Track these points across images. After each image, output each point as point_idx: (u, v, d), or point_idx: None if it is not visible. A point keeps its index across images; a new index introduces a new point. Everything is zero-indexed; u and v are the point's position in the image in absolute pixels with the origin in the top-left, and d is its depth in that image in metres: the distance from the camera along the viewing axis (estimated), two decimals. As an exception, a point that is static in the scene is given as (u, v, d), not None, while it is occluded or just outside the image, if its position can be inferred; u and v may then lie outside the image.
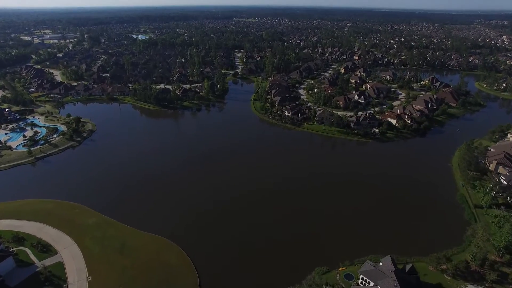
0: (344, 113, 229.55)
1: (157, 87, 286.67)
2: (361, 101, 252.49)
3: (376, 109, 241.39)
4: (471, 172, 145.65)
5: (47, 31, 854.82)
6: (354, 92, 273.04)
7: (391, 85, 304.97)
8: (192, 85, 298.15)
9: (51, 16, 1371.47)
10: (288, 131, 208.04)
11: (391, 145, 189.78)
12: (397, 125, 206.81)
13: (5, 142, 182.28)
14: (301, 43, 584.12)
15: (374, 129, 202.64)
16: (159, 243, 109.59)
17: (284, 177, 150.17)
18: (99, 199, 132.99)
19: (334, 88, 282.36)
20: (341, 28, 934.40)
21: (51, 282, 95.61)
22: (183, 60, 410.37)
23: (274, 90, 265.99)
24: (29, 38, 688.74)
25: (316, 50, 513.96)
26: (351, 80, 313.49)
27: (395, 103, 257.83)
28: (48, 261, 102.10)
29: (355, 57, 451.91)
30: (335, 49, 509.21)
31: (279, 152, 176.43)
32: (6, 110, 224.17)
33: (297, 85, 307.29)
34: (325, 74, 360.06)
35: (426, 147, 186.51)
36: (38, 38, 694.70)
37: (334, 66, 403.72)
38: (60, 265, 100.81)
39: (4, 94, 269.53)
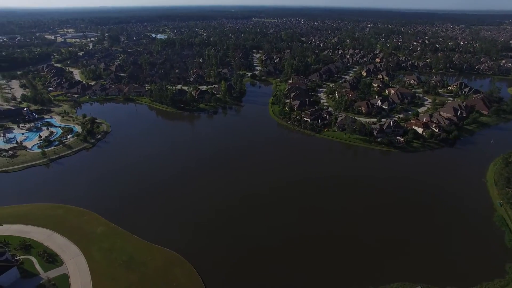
0: (367, 119, 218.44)
1: (174, 88, 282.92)
2: (384, 107, 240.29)
3: (401, 115, 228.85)
4: (511, 190, 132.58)
5: (70, 30, 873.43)
6: (376, 97, 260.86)
7: (416, 90, 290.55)
8: (209, 87, 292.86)
9: (75, 16, 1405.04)
10: (307, 137, 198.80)
11: (417, 155, 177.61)
12: (424, 134, 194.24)
13: (21, 142, 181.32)
14: (321, 44, 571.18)
15: (398, 137, 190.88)
16: (168, 257, 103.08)
17: (300, 189, 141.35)
18: (108, 205, 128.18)
19: (356, 92, 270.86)
20: (361, 29, 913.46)
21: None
22: (200, 61, 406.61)
23: (293, 93, 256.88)
24: (52, 37, 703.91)
25: (336, 51, 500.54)
26: (374, 84, 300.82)
27: (421, 109, 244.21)
28: (53, 273, 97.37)
29: (377, 60, 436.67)
30: (356, 51, 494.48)
31: (298, 161, 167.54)
32: (25, 109, 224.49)
33: (316, 89, 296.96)
34: (346, 77, 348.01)
35: (456, 159, 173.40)
36: (61, 37, 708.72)
37: (355, 69, 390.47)
38: (65, 278, 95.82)
39: (24, 92, 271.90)
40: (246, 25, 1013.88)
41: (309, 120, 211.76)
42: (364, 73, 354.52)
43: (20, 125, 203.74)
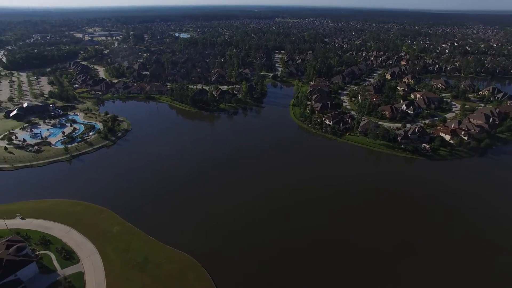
0: (391, 124, 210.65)
1: (195, 87, 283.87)
2: (409, 111, 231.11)
3: (427, 121, 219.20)
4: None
5: (97, 29, 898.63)
6: (401, 101, 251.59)
7: (444, 95, 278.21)
8: (229, 87, 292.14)
9: (103, 15, 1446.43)
10: (328, 141, 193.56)
11: (444, 164, 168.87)
12: (452, 141, 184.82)
13: (46, 137, 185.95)
14: (344, 46, 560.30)
15: (424, 144, 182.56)
16: (183, 260, 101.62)
17: (319, 194, 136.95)
18: (125, 204, 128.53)
19: (380, 96, 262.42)
20: (386, 30, 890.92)
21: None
22: (222, 60, 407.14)
23: (315, 95, 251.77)
24: (80, 36, 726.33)
25: (360, 53, 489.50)
26: (398, 88, 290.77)
27: (449, 115, 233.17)
28: (69, 270, 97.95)
29: (403, 62, 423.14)
30: (381, 53, 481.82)
31: (318, 164, 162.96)
32: (51, 105, 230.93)
33: (339, 91, 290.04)
34: (369, 80, 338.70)
35: (488, 170, 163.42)
36: (88, 36, 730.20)
37: (379, 72, 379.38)
38: (80, 276, 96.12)
39: (52, 89, 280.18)
40: (269, 25, 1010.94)
41: (330, 123, 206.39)
42: (388, 76, 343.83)
43: (46, 121, 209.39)
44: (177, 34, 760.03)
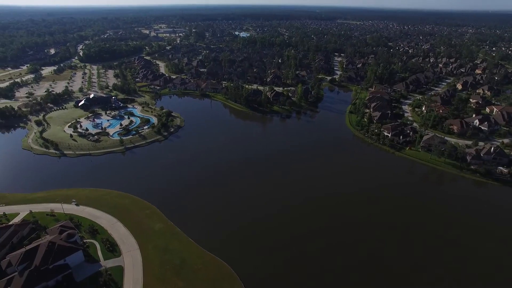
0: (459, 141, 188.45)
1: (250, 87, 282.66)
2: (483, 128, 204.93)
3: (505, 140, 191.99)
4: None
5: (162, 26, 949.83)
6: (474, 115, 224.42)
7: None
8: (285, 89, 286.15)
9: (168, 12, 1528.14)
10: (385, 154, 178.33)
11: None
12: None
13: (105, 128, 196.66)
14: (410, 51, 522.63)
15: (501, 167, 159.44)
16: (219, 268, 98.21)
17: (367, 215, 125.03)
18: (170, 201, 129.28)
19: (448, 107, 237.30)
20: (460, 35, 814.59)
21: (108, 287, 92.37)
22: (279, 61, 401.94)
23: (374, 103, 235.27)
24: (147, 32, 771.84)
25: (427, 59, 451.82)
26: (471, 100, 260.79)
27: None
28: (111, 263, 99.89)
29: (478, 71, 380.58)
30: (451, 60, 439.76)
31: (371, 179, 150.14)
32: (113, 98, 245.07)
33: (401, 100, 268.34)
34: (436, 89, 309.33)
35: None
36: (154, 32, 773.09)
37: (449, 81, 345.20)
38: (120, 270, 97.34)
39: (116, 82, 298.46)
40: (330, 26, 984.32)
41: (389, 135, 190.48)
42: (459, 86, 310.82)
43: (107, 112, 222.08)
44: (237, 33, 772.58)
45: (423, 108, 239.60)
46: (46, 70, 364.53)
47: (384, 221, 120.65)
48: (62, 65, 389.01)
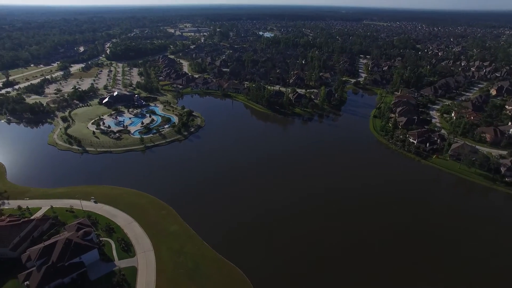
0: (492, 150, 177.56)
1: (272, 88, 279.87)
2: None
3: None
4: None
5: (187, 25, 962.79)
6: (510, 123, 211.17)
7: None
8: (307, 90, 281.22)
9: (194, 12, 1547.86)
10: (410, 161, 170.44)
11: None
12: None
13: (127, 126, 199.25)
14: (439, 54, 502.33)
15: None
16: (233, 275, 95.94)
17: (385, 226, 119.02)
18: (186, 203, 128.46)
19: (480, 114, 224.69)
20: (496, 36, 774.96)
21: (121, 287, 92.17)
22: (303, 62, 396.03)
23: (400, 108, 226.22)
24: (172, 31, 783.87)
25: (458, 63, 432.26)
26: (507, 107, 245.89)
27: None
28: (125, 263, 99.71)
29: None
30: (485, 64, 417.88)
31: (396, 191, 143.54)
32: (136, 96, 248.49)
33: (428, 105, 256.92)
34: (467, 94, 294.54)
35: None
36: (179, 31, 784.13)
37: (482, 86, 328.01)
38: (133, 271, 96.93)
39: (139, 80, 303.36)
40: (355, 27, 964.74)
41: (415, 141, 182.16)
42: (494, 91, 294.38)
43: (130, 110, 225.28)
44: (261, 33, 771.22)
45: (453, 114, 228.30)
46: (75, 68, 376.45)
47: (405, 231, 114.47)
48: (89, 62, 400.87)
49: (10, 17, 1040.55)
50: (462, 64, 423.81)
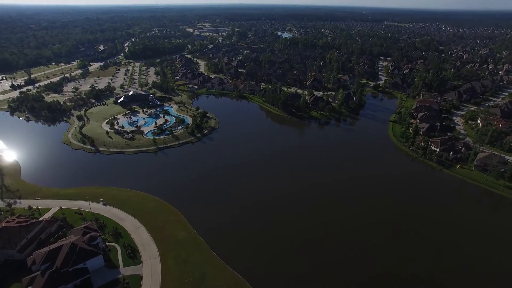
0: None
1: (289, 90, 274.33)
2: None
3: None
4: None
5: (206, 24, 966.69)
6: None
7: None
8: (325, 93, 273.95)
9: (213, 12, 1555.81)
10: (432, 171, 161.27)
11: None
12: None
13: (140, 126, 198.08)
14: (464, 56, 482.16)
15: None
16: (240, 287, 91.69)
17: (406, 237, 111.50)
18: (196, 208, 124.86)
19: (509, 121, 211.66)
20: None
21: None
22: (321, 64, 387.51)
23: (421, 114, 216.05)
24: (191, 30, 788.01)
25: (485, 66, 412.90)
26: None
27: None
28: (130, 270, 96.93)
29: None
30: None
31: (410, 196, 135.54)
32: (151, 95, 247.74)
33: (452, 110, 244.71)
34: (495, 100, 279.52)
35: None
36: (198, 30, 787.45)
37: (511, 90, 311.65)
38: (138, 280, 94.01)
39: (156, 80, 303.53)
40: (376, 28, 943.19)
41: (437, 149, 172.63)
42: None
43: (144, 109, 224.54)
44: (279, 33, 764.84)
45: (479, 121, 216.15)
46: (94, 66, 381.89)
47: (426, 245, 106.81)
48: (108, 61, 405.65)
49: (37, 17, 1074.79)
50: (489, 67, 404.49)
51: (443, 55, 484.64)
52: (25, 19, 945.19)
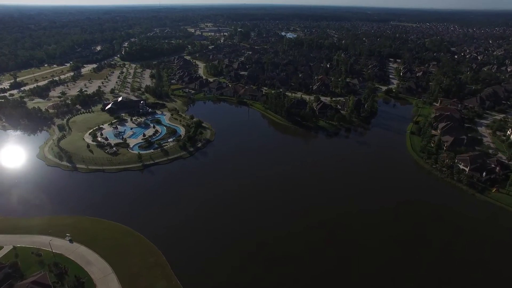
0: None
1: (293, 95, 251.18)
2: None
3: None
4: None
5: (208, 24, 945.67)
6: None
7: None
8: (333, 99, 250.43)
9: (216, 11, 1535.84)
10: (462, 195, 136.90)
11: None
12: None
13: (126, 139, 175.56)
14: (479, 58, 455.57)
15: None
16: None
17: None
18: (182, 248, 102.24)
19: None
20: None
21: None
22: (328, 66, 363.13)
23: (443, 124, 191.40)
24: (193, 30, 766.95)
25: (503, 68, 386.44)
26: None
27: None
28: None
29: None
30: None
31: (436, 228, 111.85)
32: (142, 102, 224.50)
33: (475, 119, 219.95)
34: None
35: None
36: (199, 30, 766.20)
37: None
38: None
39: (150, 83, 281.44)
40: (383, 28, 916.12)
41: (467, 169, 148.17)
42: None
43: (133, 118, 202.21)
44: (283, 33, 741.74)
45: (508, 132, 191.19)
46: (87, 68, 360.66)
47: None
48: (103, 63, 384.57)
49: (38, 17, 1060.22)
50: (509, 69, 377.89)
51: (455, 56, 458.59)
52: (25, 19, 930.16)
